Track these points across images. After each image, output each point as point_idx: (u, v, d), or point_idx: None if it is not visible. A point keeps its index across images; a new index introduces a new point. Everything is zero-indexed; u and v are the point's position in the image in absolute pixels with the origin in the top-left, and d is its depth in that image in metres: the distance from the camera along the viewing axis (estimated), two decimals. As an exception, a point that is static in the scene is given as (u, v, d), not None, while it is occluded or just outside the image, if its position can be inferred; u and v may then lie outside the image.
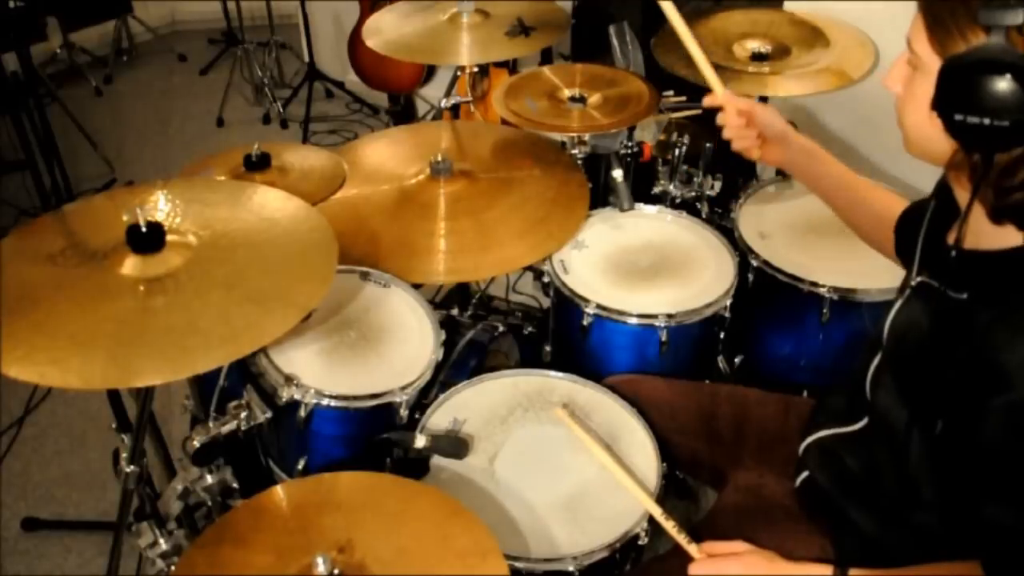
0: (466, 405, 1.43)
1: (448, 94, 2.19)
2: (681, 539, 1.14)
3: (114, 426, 1.50)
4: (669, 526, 1.15)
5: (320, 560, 0.96)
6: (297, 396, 1.35)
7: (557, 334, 1.79)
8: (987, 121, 0.80)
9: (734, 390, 1.48)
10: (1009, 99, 0.79)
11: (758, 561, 1.09)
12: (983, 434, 0.90)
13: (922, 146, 0.96)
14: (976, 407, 0.90)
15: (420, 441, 1.28)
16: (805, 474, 1.24)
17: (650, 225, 1.82)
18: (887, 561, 1.07)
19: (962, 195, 0.96)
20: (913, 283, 1.07)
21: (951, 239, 1.02)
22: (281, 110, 3.86)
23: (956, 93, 0.82)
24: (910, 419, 1.02)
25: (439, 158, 1.72)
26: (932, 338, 0.99)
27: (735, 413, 1.43)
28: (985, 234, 0.93)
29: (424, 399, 1.48)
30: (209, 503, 1.45)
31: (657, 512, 1.17)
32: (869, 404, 1.12)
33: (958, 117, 0.82)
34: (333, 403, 1.36)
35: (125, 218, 1.14)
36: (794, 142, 1.36)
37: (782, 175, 1.99)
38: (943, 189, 1.07)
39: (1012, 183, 0.86)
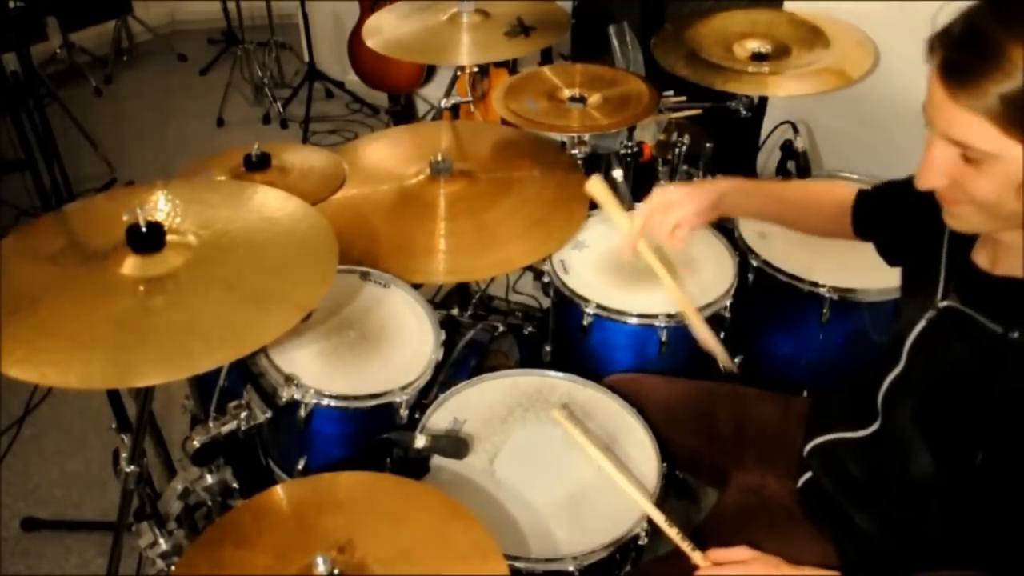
0: (466, 405, 1.43)
1: (448, 94, 2.19)
2: (685, 546, 1.13)
3: (114, 426, 1.50)
4: (673, 533, 1.14)
5: (320, 560, 0.96)
6: (297, 396, 1.35)
7: (557, 334, 1.79)
8: None
9: (734, 390, 1.48)
10: None
11: (763, 568, 1.09)
12: None
13: (993, 223, 0.91)
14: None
15: (420, 441, 1.28)
16: (808, 475, 1.24)
17: (650, 225, 1.82)
18: (889, 564, 1.06)
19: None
20: (940, 306, 1.02)
21: (981, 261, 0.99)
22: (281, 110, 3.86)
23: None
24: (926, 441, 1.01)
25: (439, 158, 1.72)
26: (969, 369, 0.96)
27: (735, 413, 1.43)
28: (1014, 260, 0.91)
29: (424, 399, 1.47)
30: (209, 503, 1.45)
31: (660, 519, 1.16)
32: (882, 416, 1.11)
33: None
34: (333, 403, 1.36)
35: (125, 218, 1.14)
36: (721, 204, 1.31)
37: (782, 175, 2.00)
38: None
39: None
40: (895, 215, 1.21)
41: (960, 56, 0.81)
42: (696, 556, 1.12)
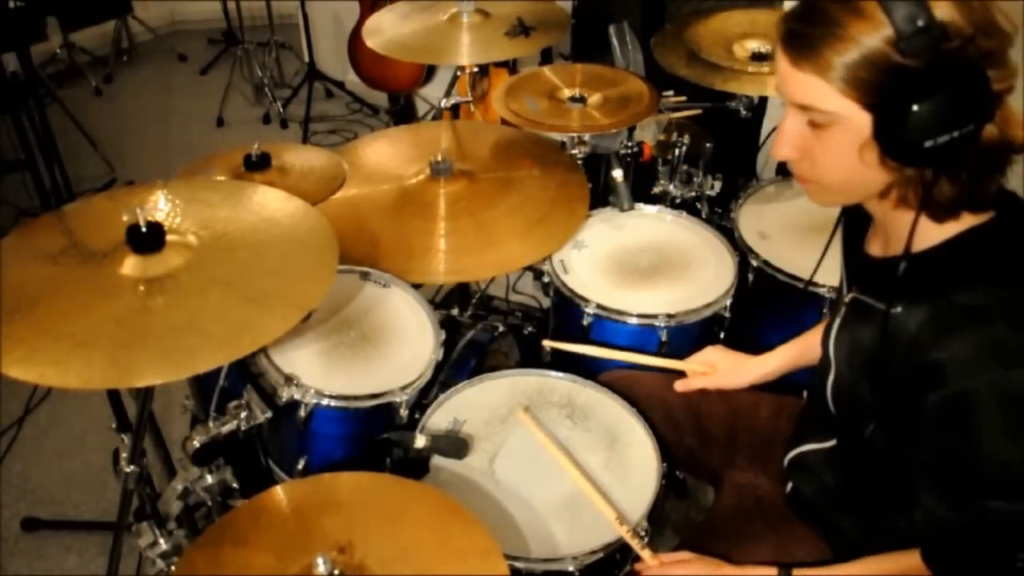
0: (466, 405, 1.43)
1: (448, 94, 2.19)
2: (635, 544, 1.18)
3: (114, 426, 1.50)
4: (623, 531, 1.19)
5: (320, 560, 0.96)
6: (297, 396, 1.35)
7: (557, 334, 1.78)
8: (955, 133, 0.80)
9: (727, 390, 1.48)
10: (964, 100, 0.80)
11: (704, 568, 1.15)
12: (917, 432, 0.91)
13: (851, 191, 0.94)
14: (911, 408, 0.90)
15: (420, 441, 1.28)
16: (792, 484, 1.25)
17: (650, 225, 1.82)
18: None
19: (887, 210, 0.94)
20: (846, 300, 1.06)
21: (874, 250, 1.03)
22: (281, 110, 3.86)
23: (920, 122, 0.80)
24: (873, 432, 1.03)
25: (439, 158, 1.72)
26: (872, 351, 0.98)
27: (727, 413, 1.43)
28: (902, 239, 0.93)
29: (424, 399, 1.48)
30: (209, 503, 1.45)
31: (611, 516, 1.20)
32: (839, 423, 1.12)
33: (928, 143, 0.81)
34: (333, 403, 1.36)
35: (125, 218, 1.14)
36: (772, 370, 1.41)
37: (782, 175, 2.00)
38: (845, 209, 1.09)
39: (965, 174, 0.86)
40: None
41: (800, 27, 0.86)
42: (645, 554, 1.18)
